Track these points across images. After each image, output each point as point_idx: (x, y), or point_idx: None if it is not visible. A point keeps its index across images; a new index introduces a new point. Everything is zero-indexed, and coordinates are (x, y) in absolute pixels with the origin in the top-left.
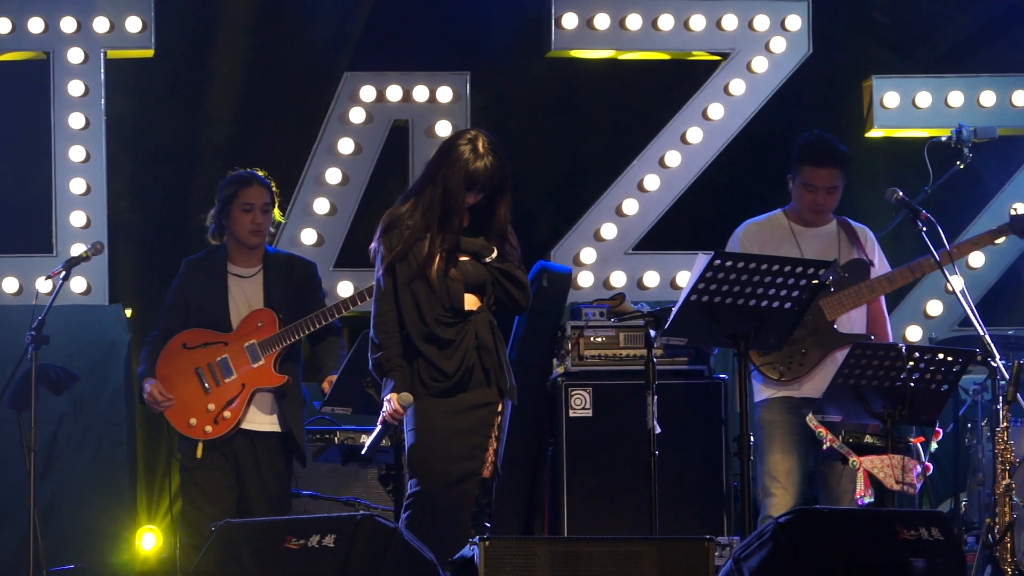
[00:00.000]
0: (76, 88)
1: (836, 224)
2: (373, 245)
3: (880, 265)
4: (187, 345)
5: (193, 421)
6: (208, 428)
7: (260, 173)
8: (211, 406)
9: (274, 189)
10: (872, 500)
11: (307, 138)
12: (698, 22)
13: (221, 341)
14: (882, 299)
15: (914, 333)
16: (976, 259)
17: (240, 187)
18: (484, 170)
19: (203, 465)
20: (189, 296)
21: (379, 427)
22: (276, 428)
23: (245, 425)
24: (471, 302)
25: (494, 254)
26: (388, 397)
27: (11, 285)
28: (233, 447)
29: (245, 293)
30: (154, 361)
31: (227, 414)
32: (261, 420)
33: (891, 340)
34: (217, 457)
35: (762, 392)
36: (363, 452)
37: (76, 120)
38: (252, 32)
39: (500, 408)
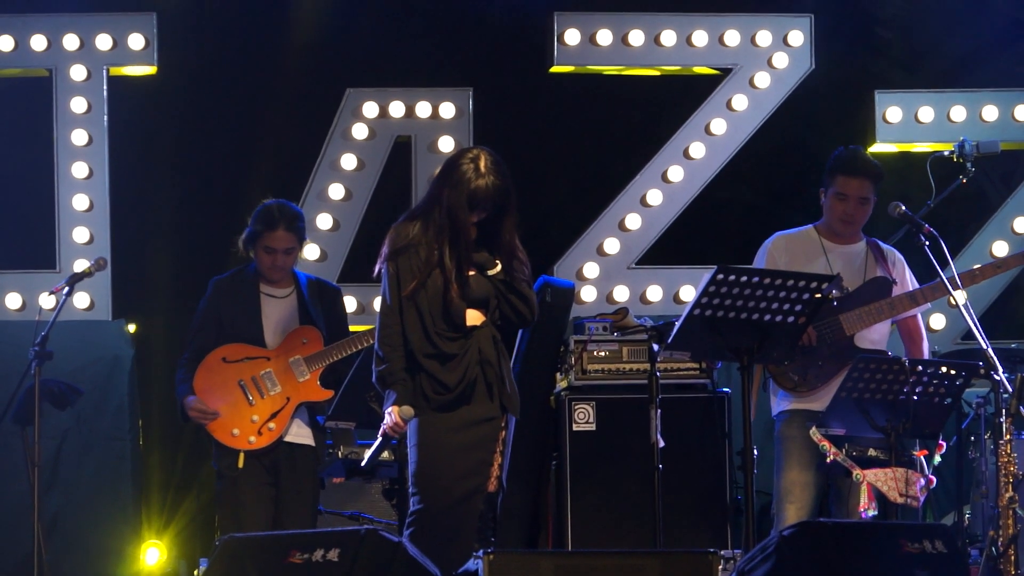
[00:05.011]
0: (79, 105)
1: (865, 244)
2: (379, 262)
3: (904, 285)
4: (227, 359)
5: (236, 431)
6: (252, 439)
7: (296, 206)
8: (255, 417)
9: (303, 226)
10: (876, 513)
11: (310, 154)
12: (700, 38)
13: (264, 356)
14: (919, 317)
15: (924, 349)
16: None
17: (265, 228)
18: (486, 189)
19: (244, 476)
20: (222, 314)
21: (379, 439)
22: (311, 442)
23: (287, 438)
24: (474, 317)
25: (498, 268)
26: (389, 410)
27: (14, 301)
28: (273, 458)
29: (278, 312)
30: (192, 379)
31: (272, 425)
32: (301, 433)
33: (924, 355)
34: (258, 468)
35: (781, 405)
36: (363, 465)
37: (79, 137)
38: (254, 49)
39: (503, 423)
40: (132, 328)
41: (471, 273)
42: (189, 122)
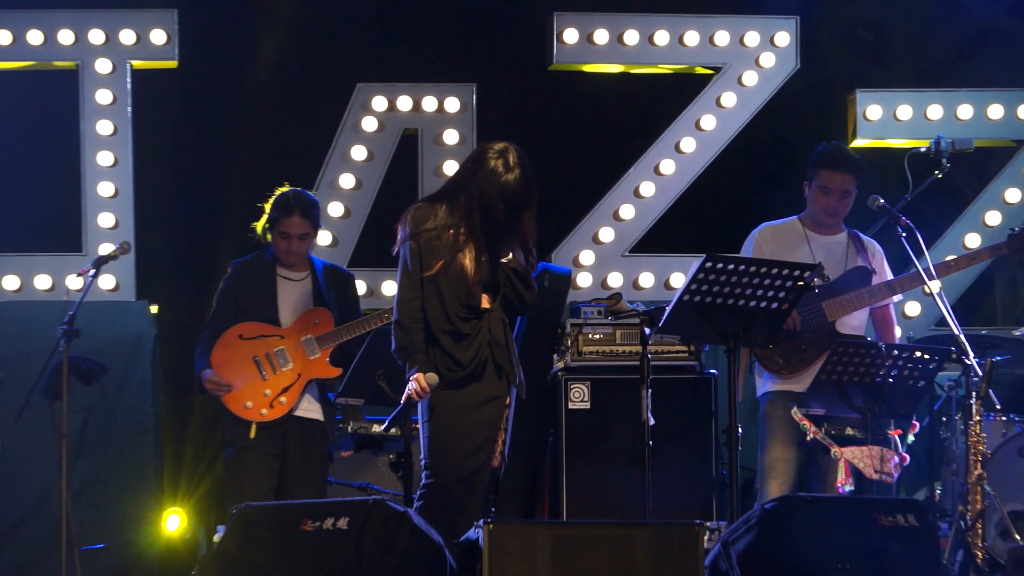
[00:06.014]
0: (104, 97)
1: (847, 235)
2: (400, 240)
3: (882, 275)
4: (243, 336)
5: (249, 404)
6: (264, 411)
7: (310, 194)
8: (268, 391)
9: (319, 214)
10: (852, 488)
11: (322, 145)
12: (692, 38)
13: (277, 334)
14: (891, 306)
15: (896, 334)
16: None
17: (281, 215)
18: (514, 182)
19: (254, 446)
20: (240, 294)
21: (402, 403)
22: (320, 417)
23: (297, 412)
24: (486, 300)
25: (510, 256)
26: (415, 376)
27: (44, 282)
28: (283, 430)
29: (293, 294)
30: (209, 354)
31: (283, 399)
32: (310, 408)
33: (896, 340)
34: (267, 439)
35: (766, 386)
36: (383, 429)
37: (104, 127)
38: (270, 44)
39: (508, 401)
40: (154, 309)
41: (483, 259)
42: (208, 114)
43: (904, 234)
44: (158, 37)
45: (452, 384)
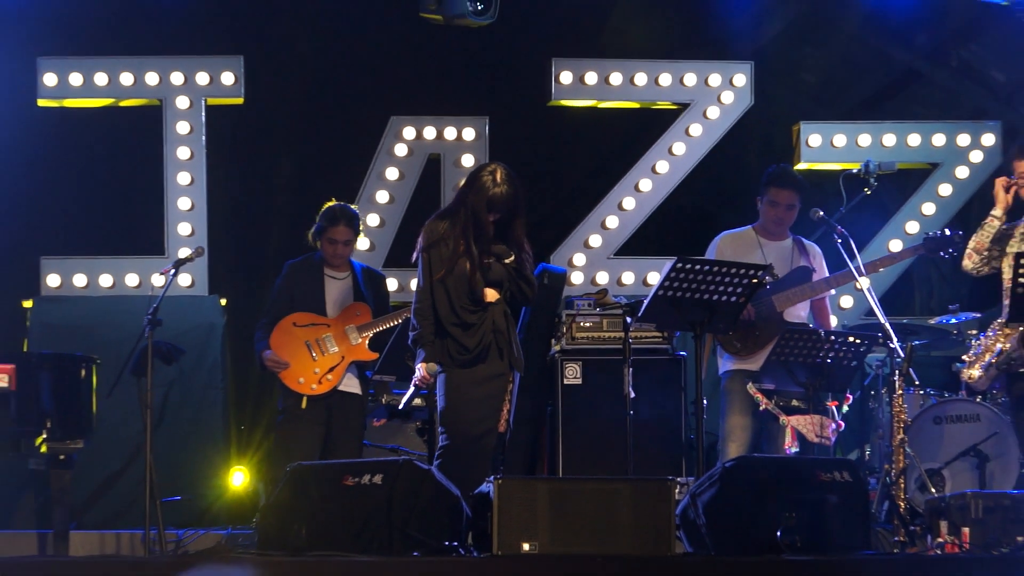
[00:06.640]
0: (183, 128)
1: (792, 240)
2: (416, 253)
3: (821, 272)
4: (297, 324)
5: (302, 380)
6: (314, 386)
7: (353, 207)
8: (317, 370)
9: (359, 224)
10: (797, 450)
11: (362, 167)
12: (665, 79)
13: (325, 323)
14: (828, 299)
15: (831, 321)
16: None
17: (328, 224)
18: (501, 196)
19: (303, 415)
20: (293, 290)
21: (412, 388)
22: (359, 391)
23: (340, 387)
24: (491, 295)
25: (512, 258)
26: (420, 365)
27: (133, 280)
28: (328, 403)
29: (337, 290)
30: (268, 337)
31: (330, 377)
32: (351, 384)
33: (831, 327)
34: (314, 409)
35: (726, 365)
36: (400, 407)
37: (183, 152)
38: (319, 84)
39: (511, 378)
40: (223, 302)
41: (490, 260)
42: (268, 141)
43: (839, 240)
44: (227, 79)
45: (462, 365)
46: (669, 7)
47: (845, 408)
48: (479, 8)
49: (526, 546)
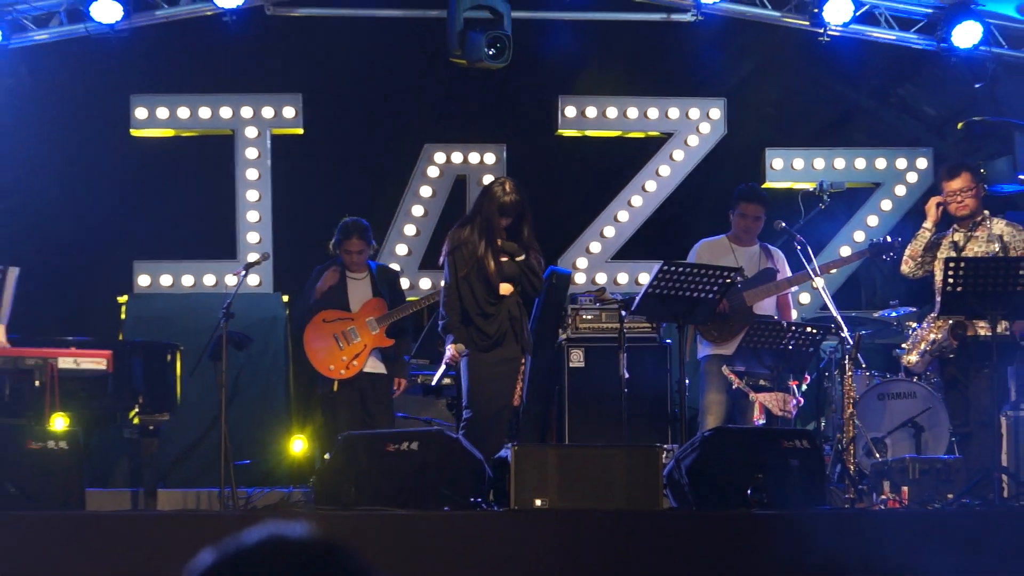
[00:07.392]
0: (252, 153)
1: (759, 246)
2: (443, 256)
3: (784, 273)
4: (325, 320)
5: (332, 367)
6: (343, 372)
7: (365, 222)
8: (344, 358)
9: (370, 234)
10: (764, 422)
11: (400, 186)
12: (653, 112)
13: (349, 317)
14: (789, 295)
15: (792, 314)
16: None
17: (344, 237)
18: (510, 203)
19: (338, 397)
20: (322, 288)
21: (443, 367)
22: (384, 371)
23: (366, 369)
24: (505, 289)
25: (523, 256)
26: (449, 346)
27: (210, 280)
28: (359, 384)
29: (358, 289)
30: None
31: (355, 363)
32: (376, 366)
33: (792, 319)
34: (347, 391)
35: (704, 351)
36: (433, 384)
37: (252, 173)
38: (365, 116)
39: (523, 360)
40: (285, 298)
41: (504, 259)
42: (322, 164)
43: (799, 246)
44: (289, 112)
45: (482, 349)
46: (656, 53)
47: (804, 387)
48: (493, 54)
49: (538, 502)
